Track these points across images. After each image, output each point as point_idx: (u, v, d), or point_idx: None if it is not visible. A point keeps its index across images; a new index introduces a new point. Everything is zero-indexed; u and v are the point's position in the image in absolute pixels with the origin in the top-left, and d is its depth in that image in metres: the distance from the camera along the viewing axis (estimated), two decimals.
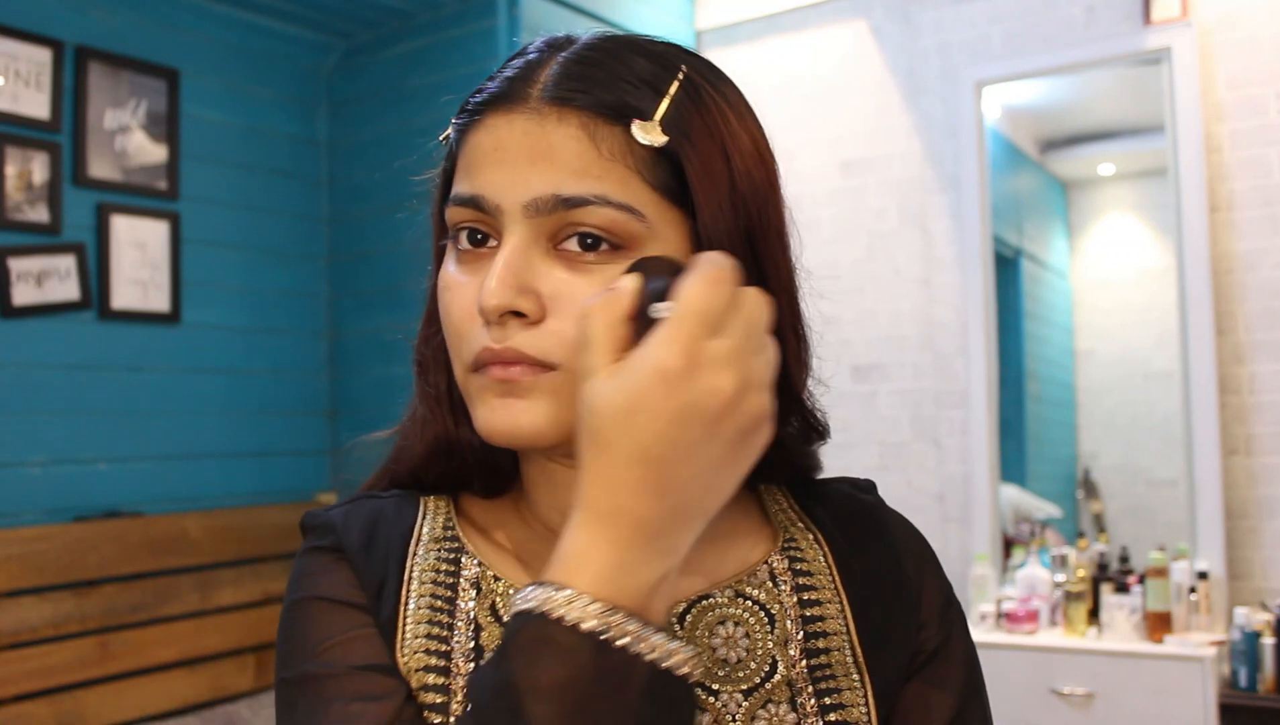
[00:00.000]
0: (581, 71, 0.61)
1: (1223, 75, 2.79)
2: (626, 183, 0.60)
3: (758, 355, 0.51)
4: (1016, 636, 2.70)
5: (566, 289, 0.60)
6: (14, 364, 2.56)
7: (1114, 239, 3.29)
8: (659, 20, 3.35)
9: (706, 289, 0.51)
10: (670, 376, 0.49)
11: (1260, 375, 2.74)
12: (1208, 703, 2.41)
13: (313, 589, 0.66)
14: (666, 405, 0.49)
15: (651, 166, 0.60)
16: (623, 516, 0.50)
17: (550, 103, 0.60)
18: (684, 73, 0.63)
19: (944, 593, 0.72)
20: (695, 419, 0.49)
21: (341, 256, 3.30)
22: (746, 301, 0.52)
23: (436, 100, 3.59)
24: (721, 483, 0.52)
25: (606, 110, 0.60)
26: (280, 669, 0.64)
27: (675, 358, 0.49)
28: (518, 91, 0.62)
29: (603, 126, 0.60)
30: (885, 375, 3.22)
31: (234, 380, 3.04)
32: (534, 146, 0.60)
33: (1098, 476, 3.19)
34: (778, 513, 0.72)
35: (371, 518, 0.69)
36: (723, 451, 0.51)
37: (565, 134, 0.60)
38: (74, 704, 2.44)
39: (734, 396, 0.49)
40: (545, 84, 0.61)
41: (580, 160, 0.59)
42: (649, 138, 0.60)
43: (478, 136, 0.62)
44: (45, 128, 2.61)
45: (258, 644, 2.84)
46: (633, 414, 0.50)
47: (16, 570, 2.37)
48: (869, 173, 3.28)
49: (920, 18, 3.21)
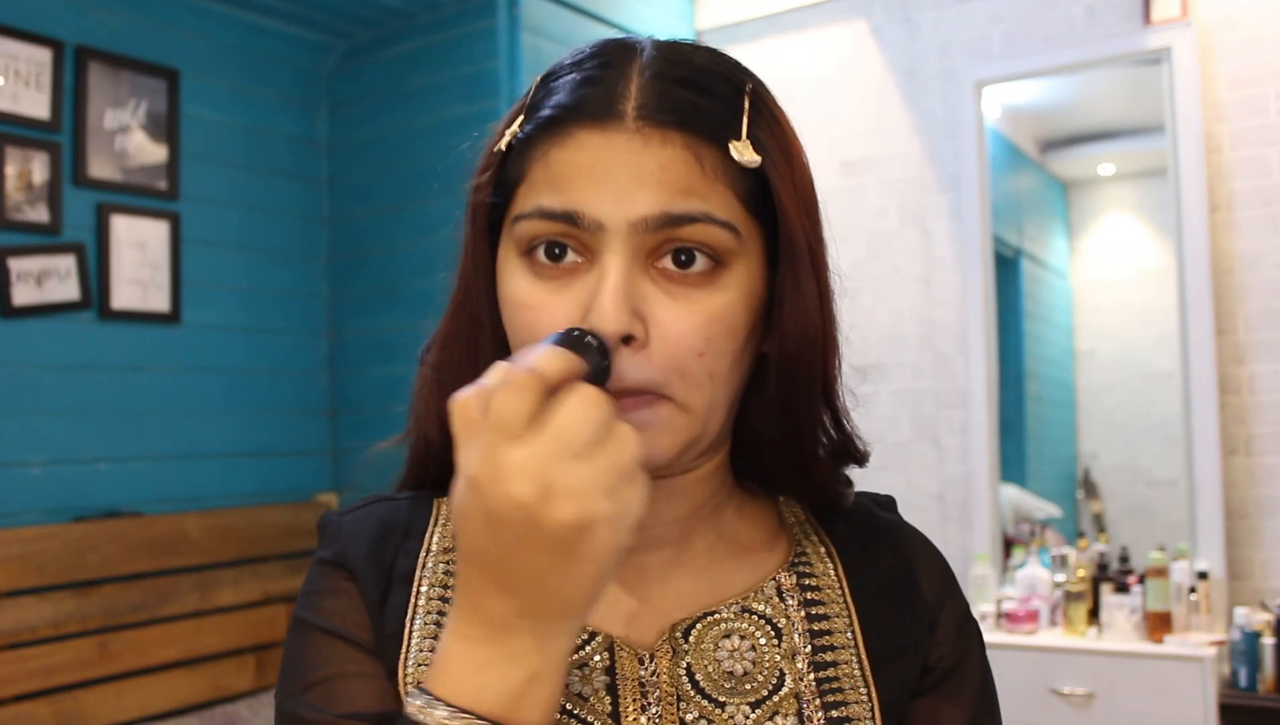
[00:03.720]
0: (677, 93, 0.61)
1: (1223, 75, 2.79)
2: (726, 201, 0.61)
3: (576, 461, 0.49)
4: (1016, 636, 2.70)
5: (669, 314, 0.60)
6: (14, 364, 2.55)
7: (1114, 239, 3.29)
8: (659, 20, 3.35)
9: (503, 396, 0.49)
10: (475, 483, 0.49)
11: (1260, 375, 2.74)
12: (1208, 703, 2.41)
13: (317, 613, 0.67)
14: (477, 510, 0.50)
15: (744, 183, 0.62)
16: (476, 615, 0.51)
17: (652, 124, 0.60)
18: (750, 85, 0.64)
19: (961, 611, 0.72)
20: (501, 526, 0.49)
21: (341, 256, 3.30)
22: (561, 406, 0.50)
23: (436, 100, 3.58)
24: (565, 589, 0.50)
25: (706, 132, 0.61)
26: (281, 692, 0.66)
27: (475, 465, 0.49)
28: (609, 109, 0.61)
29: (704, 147, 0.61)
30: (885, 375, 3.22)
31: (234, 380, 3.03)
32: (640, 166, 0.60)
33: (1098, 476, 3.19)
34: (794, 525, 0.73)
35: (383, 525, 0.69)
36: (548, 559, 0.49)
37: (671, 155, 0.60)
38: (74, 704, 2.44)
39: (533, 505, 0.48)
40: (641, 104, 0.61)
41: (688, 180, 0.60)
42: (746, 158, 0.61)
43: (567, 153, 0.61)
44: (45, 128, 2.60)
45: (258, 644, 2.84)
46: (460, 517, 0.51)
47: (16, 570, 2.37)
48: (869, 172, 3.28)
49: (920, 18, 3.21)
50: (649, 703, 0.63)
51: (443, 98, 3.02)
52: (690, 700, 0.64)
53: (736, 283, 0.62)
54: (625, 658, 0.65)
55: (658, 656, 0.65)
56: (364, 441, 3.18)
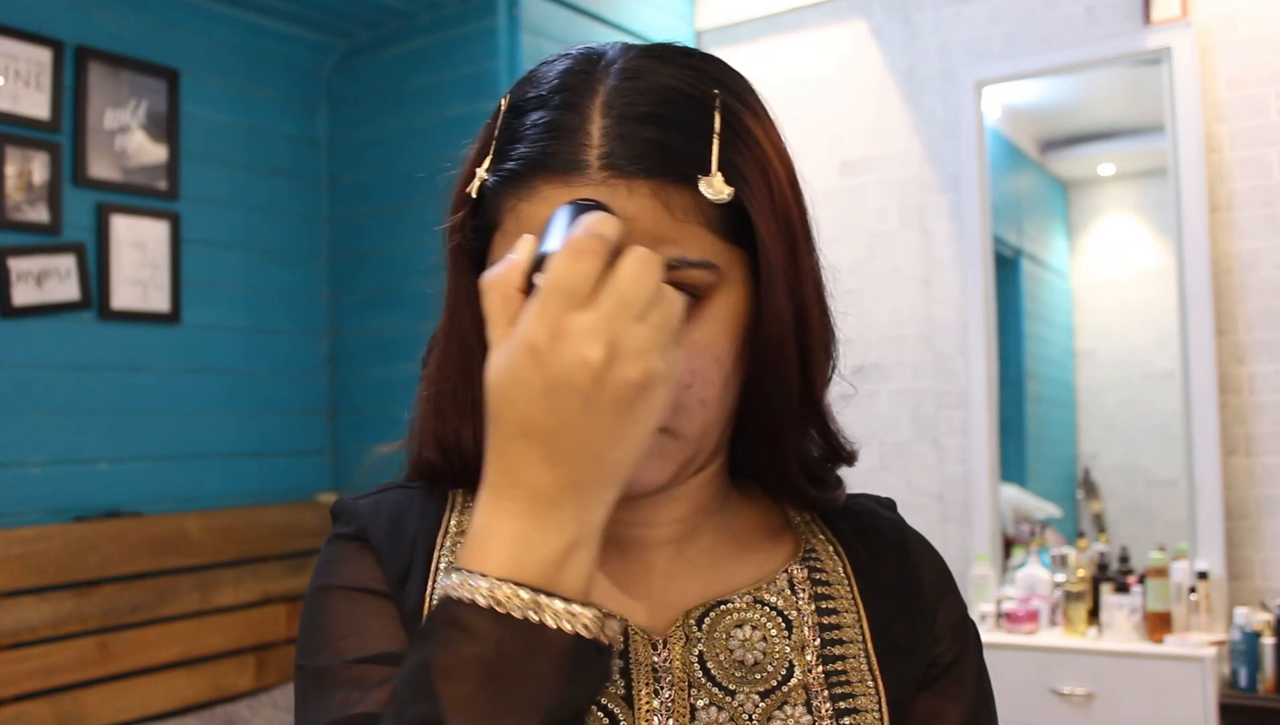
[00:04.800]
0: (638, 134, 0.60)
1: (1223, 75, 2.79)
2: (699, 239, 0.60)
3: (637, 322, 0.50)
4: (1016, 636, 2.70)
5: None
6: (14, 364, 2.55)
7: (1114, 239, 3.29)
8: (659, 20, 3.35)
9: (568, 262, 0.50)
10: (537, 350, 0.49)
11: (1260, 375, 2.74)
12: (1208, 703, 2.41)
13: (333, 577, 0.67)
14: (537, 378, 0.50)
15: (717, 216, 0.61)
16: (517, 490, 0.51)
17: (617, 175, 0.59)
18: (719, 99, 0.62)
19: (959, 610, 0.74)
20: (566, 391, 0.49)
21: (341, 256, 3.30)
22: (622, 268, 0.51)
23: (436, 100, 3.58)
24: (615, 452, 0.51)
25: (674, 175, 0.59)
26: (299, 655, 0.66)
27: (539, 332, 0.50)
28: (571, 159, 0.59)
29: (673, 190, 0.60)
30: (885, 375, 3.22)
31: (234, 380, 3.03)
32: None
33: (1098, 476, 3.19)
34: (800, 524, 0.74)
35: (399, 508, 0.70)
36: (608, 421, 0.50)
37: (639, 206, 0.59)
38: (74, 704, 2.44)
39: (601, 367, 0.49)
40: (603, 153, 0.59)
41: (657, 228, 0.59)
42: (717, 194, 0.60)
43: (533, 207, 0.60)
44: (45, 128, 2.60)
45: (258, 644, 2.84)
46: (511, 388, 0.50)
47: (16, 570, 2.37)
48: (869, 173, 3.28)
49: (920, 18, 3.21)
50: (661, 687, 0.64)
51: (442, 98, 3.02)
52: (701, 687, 0.65)
53: (717, 313, 0.62)
54: (639, 643, 0.65)
55: (671, 643, 0.66)
56: (364, 441, 3.19)
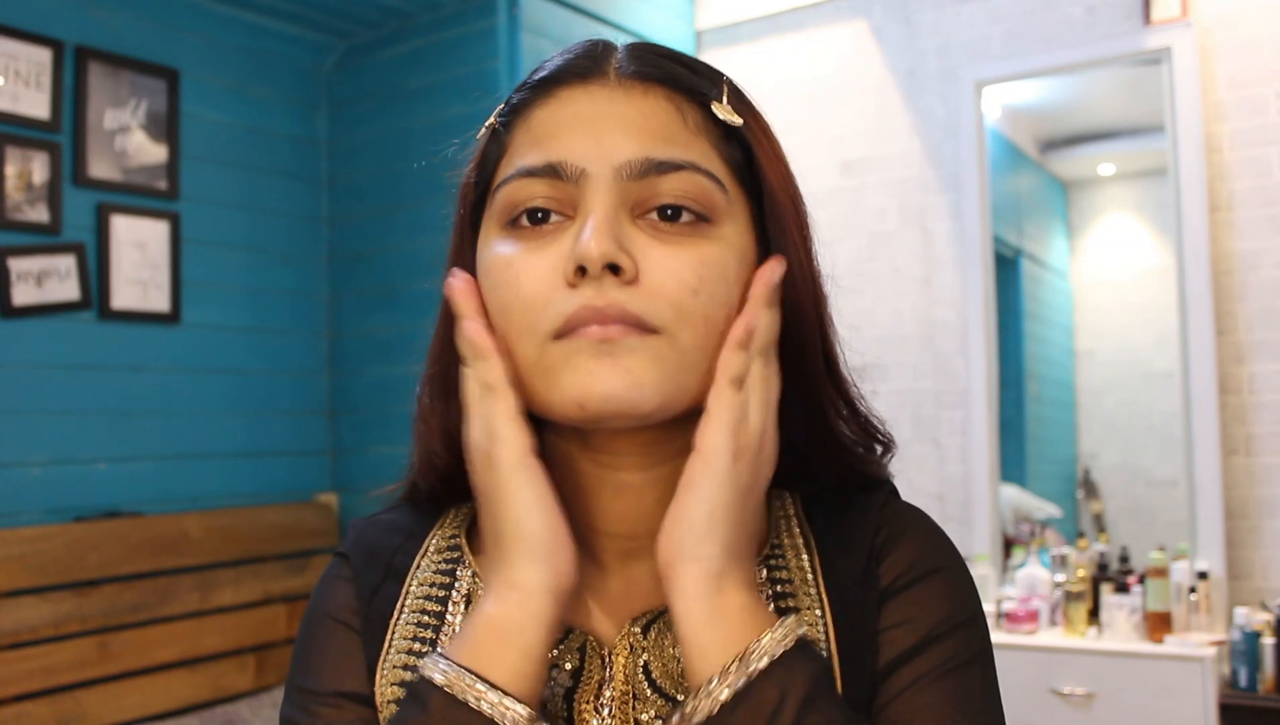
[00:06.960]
0: (658, 59, 0.63)
1: (1223, 75, 2.79)
2: (710, 156, 0.61)
3: None
4: (1016, 636, 2.70)
5: (658, 254, 0.58)
6: (14, 364, 2.55)
7: (1114, 239, 3.29)
8: (659, 20, 3.35)
9: None
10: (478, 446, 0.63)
11: (1260, 375, 2.74)
12: (1208, 703, 2.41)
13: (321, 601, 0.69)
14: None
15: (727, 144, 0.62)
16: None
17: (632, 77, 0.61)
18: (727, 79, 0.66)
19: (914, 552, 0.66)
20: None
21: (341, 256, 3.30)
22: None
23: (436, 100, 3.58)
24: None
25: (687, 90, 0.62)
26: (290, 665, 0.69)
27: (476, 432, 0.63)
28: (591, 68, 0.62)
29: (686, 103, 0.62)
30: (885, 375, 3.22)
31: (234, 380, 3.03)
32: (622, 114, 0.60)
33: (1098, 476, 3.19)
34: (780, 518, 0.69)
35: (392, 525, 0.71)
36: None
37: (653, 104, 0.61)
38: (74, 704, 2.44)
39: None
40: (621, 62, 0.62)
41: (669, 129, 0.60)
42: (729, 117, 0.62)
43: (549, 110, 0.61)
44: (45, 128, 2.60)
45: (258, 644, 2.84)
46: None
47: (16, 570, 2.37)
48: (869, 172, 3.28)
49: (920, 18, 3.21)
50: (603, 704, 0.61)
51: (442, 98, 3.02)
52: (646, 700, 0.61)
53: (726, 238, 0.60)
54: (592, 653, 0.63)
55: (615, 654, 0.63)
56: (364, 441, 3.19)
